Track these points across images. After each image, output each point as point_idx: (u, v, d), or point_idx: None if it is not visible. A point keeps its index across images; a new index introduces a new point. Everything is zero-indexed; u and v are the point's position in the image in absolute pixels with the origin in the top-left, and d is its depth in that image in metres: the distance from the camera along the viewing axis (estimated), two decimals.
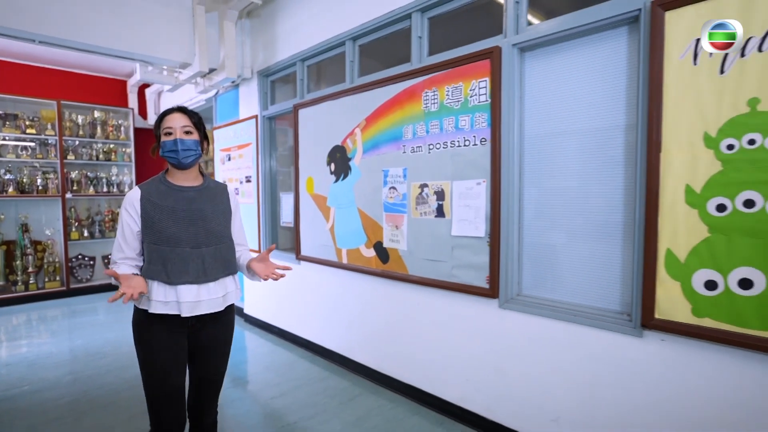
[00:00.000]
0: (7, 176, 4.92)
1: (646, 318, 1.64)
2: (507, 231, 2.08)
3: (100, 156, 5.58)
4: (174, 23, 3.50)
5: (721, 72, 1.45)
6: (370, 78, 2.79)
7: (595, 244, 1.87)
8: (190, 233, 1.48)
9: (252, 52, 3.91)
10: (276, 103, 3.80)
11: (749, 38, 1.40)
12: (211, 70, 3.86)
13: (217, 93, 4.48)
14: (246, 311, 4.27)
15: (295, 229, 3.49)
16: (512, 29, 2.04)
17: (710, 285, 1.50)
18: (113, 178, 5.70)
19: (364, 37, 2.88)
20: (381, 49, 2.92)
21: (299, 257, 3.44)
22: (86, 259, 5.53)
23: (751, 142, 1.40)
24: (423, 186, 2.43)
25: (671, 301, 1.59)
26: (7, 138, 4.95)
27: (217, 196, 1.59)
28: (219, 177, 4.59)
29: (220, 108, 4.54)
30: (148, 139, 6.04)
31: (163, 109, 5.41)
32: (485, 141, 2.13)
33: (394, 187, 2.60)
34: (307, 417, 2.42)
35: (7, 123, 4.95)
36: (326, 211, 3.15)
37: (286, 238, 3.99)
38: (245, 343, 3.71)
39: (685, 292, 1.56)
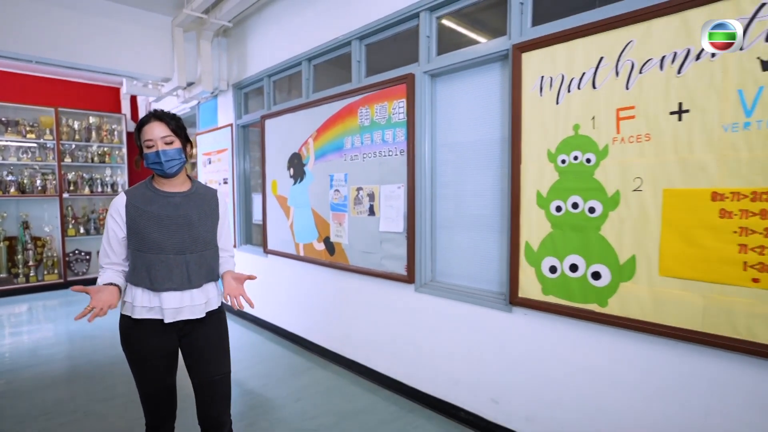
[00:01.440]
0: (9, 177, 5.38)
1: (513, 297, 2.06)
2: (420, 227, 2.50)
3: (95, 158, 6.02)
4: (155, 43, 3.93)
5: (557, 103, 1.86)
6: (321, 94, 3.20)
7: (483, 237, 2.29)
8: (175, 240, 1.47)
9: (227, 67, 4.33)
10: (249, 112, 4.22)
11: (572, 78, 1.80)
12: (191, 83, 4.28)
13: (199, 102, 4.90)
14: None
15: (263, 226, 3.91)
16: (425, 59, 2.45)
17: (552, 269, 1.91)
18: (107, 178, 6.14)
19: (318, 58, 3.29)
20: (332, 68, 3.32)
21: (266, 251, 3.87)
22: (82, 254, 5.98)
23: (576, 157, 1.81)
24: (359, 189, 2.84)
25: (529, 282, 2.00)
26: (9, 142, 5.40)
27: (205, 201, 1.58)
28: (202, 179, 5.02)
29: (203, 115, 4.96)
30: None
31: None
32: (403, 152, 2.54)
33: (338, 190, 3.01)
34: (263, 384, 2.86)
35: (9, 129, 5.39)
36: (287, 210, 3.58)
37: (257, 234, 4.42)
38: None
39: (538, 275, 1.97)
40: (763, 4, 1.36)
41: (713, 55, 1.46)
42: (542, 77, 1.90)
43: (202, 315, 1.52)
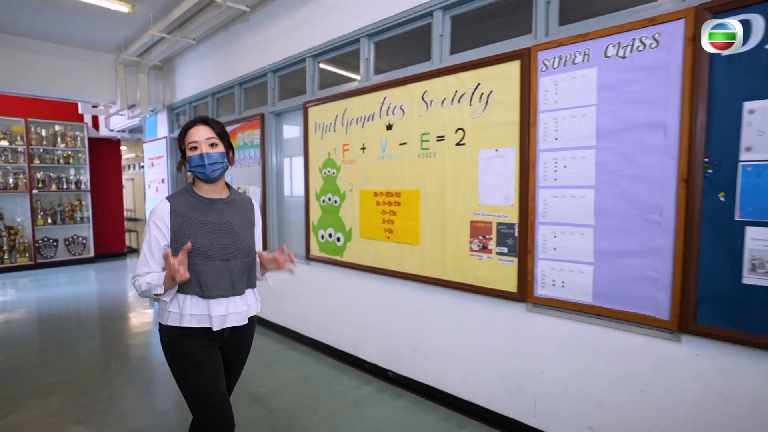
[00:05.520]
0: None
1: (307, 255, 3.38)
2: (271, 218, 3.80)
3: (61, 160, 7.16)
4: (102, 75, 5.15)
5: (321, 138, 3.18)
6: (221, 120, 4.48)
7: (298, 216, 3.60)
8: (220, 246, 1.46)
9: (163, 92, 5.57)
10: (178, 128, 5.46)
11: (327, 124, 3.12)
12: (132, 105, 5.51)
13: (145, 116, 6.11)
14: None
15: None
16: (271, 103, 3.75)
17: (322, 237, 3.25)
18: (72, 177, 7.29)
19: (219, 94, 4.56)
20: (228, 101, 4.60)
21: None
22: (50, 240, 7.12)
23: (328, 171, 3.14)
24: (238, 187, 4.13)
25: (314, 246, 3.33)
26: None
27: (242, 208, 1.58)
28: (148, 179, 6.23)
29: (148, 127, 6.18)
30: (100, 147, 7.63)
31: (112, 124, 7.05)
32: (259, 164, 3.85)
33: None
34: None
35: None
36: None
37: None
38: None
39: (317, 241, 3.30)
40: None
41: (375, 117, 2.80)
42: (316, 123, 3.23)
43: (244, 322, 1.53)
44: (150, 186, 6.23)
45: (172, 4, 3.94)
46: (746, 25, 1.49)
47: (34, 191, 6.85)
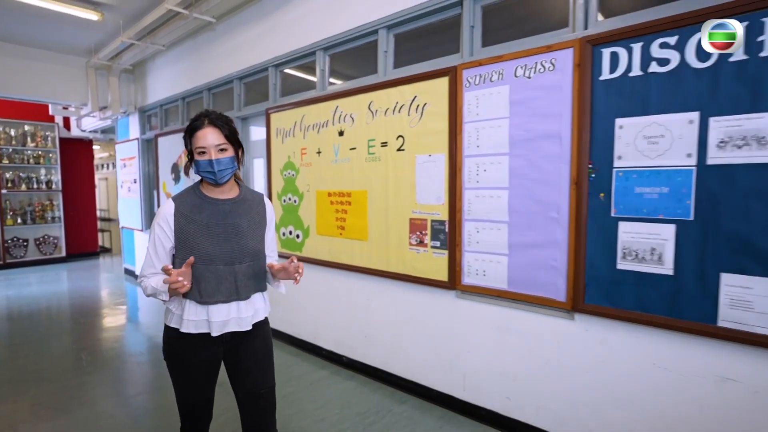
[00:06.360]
0: None
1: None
2: None
3: (31, 160, 7.16)
4: (73, 78, 5.25)
5: (282, 143, 3.42)
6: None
7: None
8: (224, 250, 1.41)
9: (134, 95, 5.69)
10: (151, 130, 5.60)
11: (287, 130, 3.36)
12: (104, 107, 5.61)
13: (117, 118, 6.21)
14: (137, 273, 6.07)
15: None
16: (237, 108, 3.96)
17: (284, 234, 3.48)
18: (42, 177, 7.30)
19: (189, 98, 4.74)
20: (198, 104, 4.78)
21: None
22: (20, 240, 7.12)
23: (288, 173, 3.38)
24: None
25: (282, 242, 3.56)
26: None
27: (253, 207, 1.52)
28: (120, 179, 6.33)
29: (120, 128, 6.28)
30: (72, 147, 7.65)
31: (84, 124, 7.08)
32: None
33: None
34: None
35: None
36: None
37: None
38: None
39: (279, 238, 3.53)
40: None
41: (329, 124, 3.05)
42: (277, 128, 3.46)
43: (248, 327, 1.48)
44: (122, 186, 6.33)
45: (141, 13, 4.11)
46: (614, 57, 1.80)
47: (3, 191, 6.85)
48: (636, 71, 1.76)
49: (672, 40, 1.67)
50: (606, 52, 1.82)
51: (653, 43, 1.71)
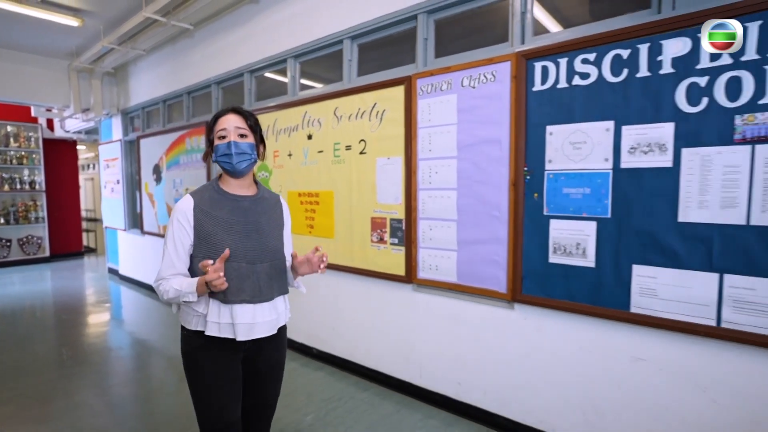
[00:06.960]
0: None
1: None
2: None
3: (14, 161, 7.21)
4: (56, 80, 5.34)
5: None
6: (170, 126, 4.78)
7: None
8: (246, 247, 1.35)
9: (117, 97, 5.79)
10: (133, 132, 5.71)
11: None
12: (86, 109, 5.71)
13: (100, 120, 6.30)
14: (121, 272, 6.17)
15: (140, 214, 5.44)
16: (215, 111, 4.09)
17: None
18: (26, 177, 7.35)
19: (170, 101, 4.86)
20: (178, 107, 4.91)
21: (143, 232, 5.39)
22: (3, 240, 7.17)
23: (262, 175, 3.53)
24: (186, 189, 4.46)
25: None
26: None
27: (271, 207, 1.47)
28: (104, 180, 6.42)
29: (104, 130, 6.37)
30: (56, 147, 7.71)
31: (67, 125, 7.17)
32: (204, 167, 4.19)
33: (177, 189, 4.62)
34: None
35: None
36: (153, 203, 5.13)
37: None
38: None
39: None
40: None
41: (299, 128, 3.21)
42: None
43: (273, 332, 1.42)
44: (106, 187, 6.42)
45: (121, 19, 4.23)
46: (545, 70, 1.99)
47: None
48: (563, 83, 1.95)
49: (591, 56, 1.86)
50: (538, 66, 2.02)
51: (576, 58, 1.90)
